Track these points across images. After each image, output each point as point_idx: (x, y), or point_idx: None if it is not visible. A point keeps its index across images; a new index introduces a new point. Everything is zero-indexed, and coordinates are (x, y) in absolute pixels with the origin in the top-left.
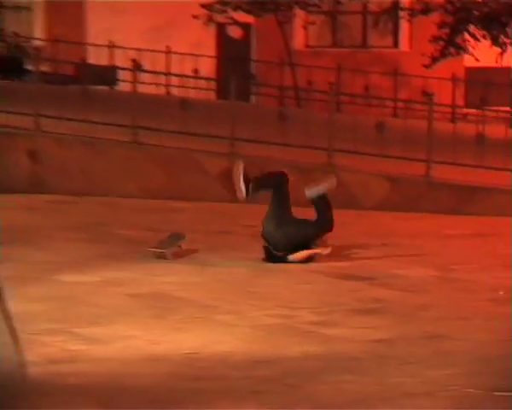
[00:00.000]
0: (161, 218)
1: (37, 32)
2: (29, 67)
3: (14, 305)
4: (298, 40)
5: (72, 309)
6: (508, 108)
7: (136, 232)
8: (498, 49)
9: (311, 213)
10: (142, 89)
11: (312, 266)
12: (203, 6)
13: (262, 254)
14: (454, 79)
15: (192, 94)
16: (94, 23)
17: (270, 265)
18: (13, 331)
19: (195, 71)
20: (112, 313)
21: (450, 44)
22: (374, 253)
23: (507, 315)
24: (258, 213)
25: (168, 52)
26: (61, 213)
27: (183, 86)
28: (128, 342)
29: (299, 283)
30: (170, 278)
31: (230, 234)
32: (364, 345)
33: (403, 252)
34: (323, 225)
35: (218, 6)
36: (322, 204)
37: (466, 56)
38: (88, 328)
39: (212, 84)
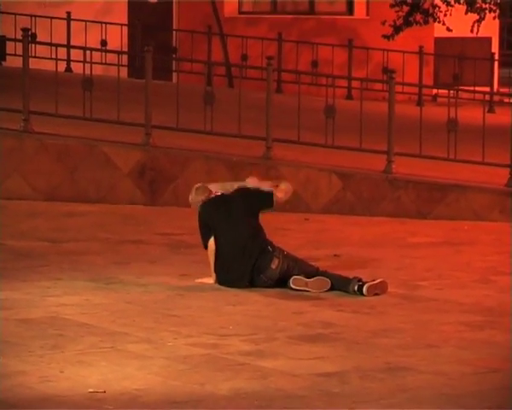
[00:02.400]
0: (57, 224)
1: None
2: None
3: None
4: (229, 4)
5: None
6: (486, 88)
7: (26, 243)
8: (475, 16)
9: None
10: (35, 64)
11: None
12: None
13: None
14: (421, 53)
15: (98, 70)
16: None
17: (191, 283)
18: None
19: (102, 42)
20: None
21: (416, 10)
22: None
23: (485, 342)
24: (176, 218)
25: (69, 19)
26: None
27: (86, 61)
28: (16, 379)
29: (228, 303)
30: (69, 298)
31: (143, 243)
32: (310, 380)
33: (358, 265)
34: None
35: None
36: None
37: (436, 25)
38: None
39: (124, 59)
